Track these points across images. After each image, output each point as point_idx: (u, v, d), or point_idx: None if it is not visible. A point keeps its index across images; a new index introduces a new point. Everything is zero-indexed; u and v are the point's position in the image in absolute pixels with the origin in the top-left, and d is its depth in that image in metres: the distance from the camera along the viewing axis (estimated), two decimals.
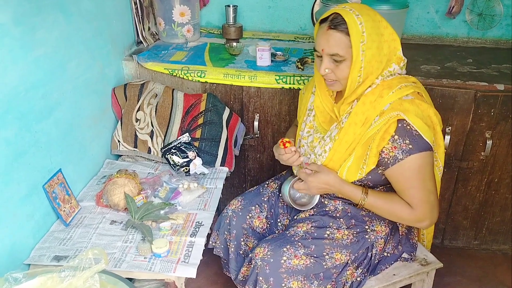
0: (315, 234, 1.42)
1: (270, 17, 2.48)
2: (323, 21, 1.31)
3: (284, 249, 1.36)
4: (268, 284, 1.35)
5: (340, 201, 1.47)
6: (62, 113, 1.65)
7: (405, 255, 1.52)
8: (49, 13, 1.53)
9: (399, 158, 1.28)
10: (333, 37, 1.27)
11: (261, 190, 1.65)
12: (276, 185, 1.67)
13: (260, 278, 1.36)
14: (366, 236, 1.43)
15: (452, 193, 2.09)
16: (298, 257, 1.36)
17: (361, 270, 1.43)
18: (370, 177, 1.37)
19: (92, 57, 1.86)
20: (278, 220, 1.61)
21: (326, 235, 1.42)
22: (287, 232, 1.45)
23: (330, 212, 1.47)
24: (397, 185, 1.34)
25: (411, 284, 1.57)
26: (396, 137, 1.27)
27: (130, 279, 1.61)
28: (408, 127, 1.27)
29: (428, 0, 2.29)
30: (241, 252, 1.58)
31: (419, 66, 2.05)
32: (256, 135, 2.12)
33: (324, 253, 1.38)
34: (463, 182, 2.05)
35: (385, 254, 1.48)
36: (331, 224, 1.44)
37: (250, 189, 1.70)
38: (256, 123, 2.08)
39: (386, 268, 1.49)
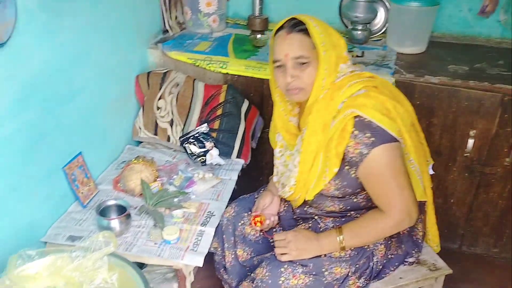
0: None
1: (297, 10, 2.37)
2: (278, 30, 1.32)
3: (282, 269, 1.34)
4: None
5: (331, 219, 1.45)
6: (85, 98, 1.69)
7: (411, 259, 1.48)
8: None
9: (364, 153, 1.23)
10: (296, 39, 1.28)
11: (256, 196, 1.64)
12: None
13: None
14: (365, 247, 1.40)
15: (473, 198, 2.03)
16: (297, 276, 1.33)
17: (363, 279, 1.41)
18: (345, 183, 1.32)
19: (117, 44, 1.89)
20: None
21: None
22: None
23: (325, 231, 1.43)
24: (369, 186, 1.30)
25: None
26: (356, 132, 1.23)
27: (141, 264, 1.66)
28: (366, 120, 1.23)
29: None
30: (241, 261, 1.57)
31: (447, 66, 1.99)
32: None
33: (323, 269, 1.36)
34: (485, 188, 1.99)
35: (389, 257, 1.45)
36: None
37: (244, 195, 1.68)
38: None
39: (392, 271, 1.46)
